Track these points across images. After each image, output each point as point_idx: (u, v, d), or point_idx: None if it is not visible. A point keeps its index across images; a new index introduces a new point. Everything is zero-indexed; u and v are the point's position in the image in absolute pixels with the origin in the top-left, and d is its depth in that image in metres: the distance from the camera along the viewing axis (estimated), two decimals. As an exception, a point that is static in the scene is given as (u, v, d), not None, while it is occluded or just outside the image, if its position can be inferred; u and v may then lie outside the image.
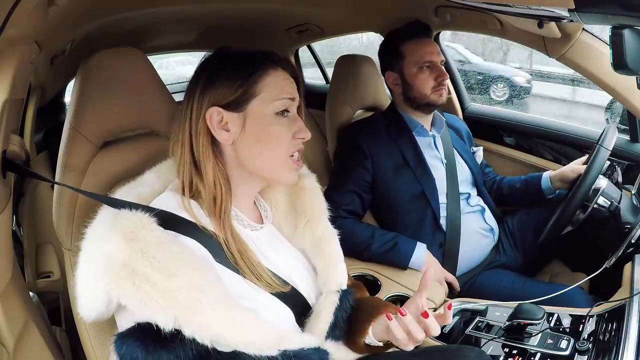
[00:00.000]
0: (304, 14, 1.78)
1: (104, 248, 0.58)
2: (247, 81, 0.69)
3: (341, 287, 0.79)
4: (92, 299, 0.58)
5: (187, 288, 0.57)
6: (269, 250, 0.75)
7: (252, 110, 0.70)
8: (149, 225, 0.60)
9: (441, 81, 1.34)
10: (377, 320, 0.79)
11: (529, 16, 0.94)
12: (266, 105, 0.70)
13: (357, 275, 1.26)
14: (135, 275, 0.56)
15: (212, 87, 0.69)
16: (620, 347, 0.80)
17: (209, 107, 0.69)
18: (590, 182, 1.12)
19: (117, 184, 0.74)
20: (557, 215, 1.19)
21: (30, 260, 1.51)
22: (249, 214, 0.77)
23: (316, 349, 0.68)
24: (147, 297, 0.55)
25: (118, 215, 0.61)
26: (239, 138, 0.70)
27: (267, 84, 0.70)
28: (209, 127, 0.69)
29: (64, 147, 0.78)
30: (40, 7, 0.66)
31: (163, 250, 0.58)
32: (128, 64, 0.83)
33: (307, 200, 0.82)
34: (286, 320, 0.71)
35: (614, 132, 1.16)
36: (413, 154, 1.36)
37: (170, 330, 0.56)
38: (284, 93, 0.71)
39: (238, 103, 0.69)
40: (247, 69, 0.70)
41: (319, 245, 0.80)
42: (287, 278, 0.74)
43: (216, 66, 0.71)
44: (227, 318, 0.58)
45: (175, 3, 1.36)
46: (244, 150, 0.70)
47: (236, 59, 0.71)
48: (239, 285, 0.66)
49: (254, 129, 0.70)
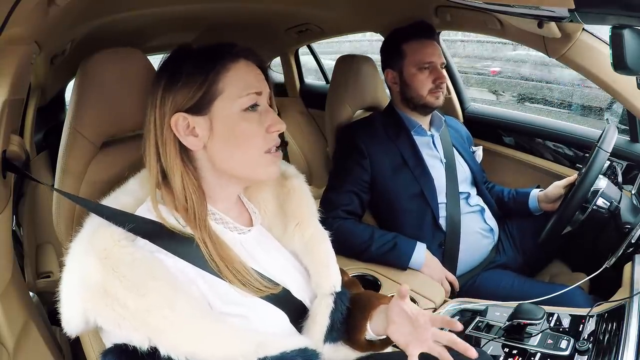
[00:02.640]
0: (304, 14, 1.78)
1: (83, 267, 0.58)
2: (206, 81, 0.65)
3: (335, 289, 0.77)
4: (72, 317, 0.57)
5: (157, 307, 0.56)
6: (259, 252, 0.73)
7: (217, 111, 0.66)
8: (120, 242, 0.59)
9: (439, 84, 1.34)
10: (373, 314, 0.79)
11: (529, 16, 0.94)
12: (231, 103, 0.66)
13: (357, 275, 1.26)
14: (108, 296, 0.55)
15: (171, 92, 0.65)
16: (620, 347, 0.80)
17: (173, 114, 0.65)
18: (589, 184, 1.12)
19: (116, 185, 0.73)
20: (557, 216, 1.19)
21: (30, 260, 1.51)
22: (236, 217, 0.74)
23: (301, 350, 0.65)
24: (119, 318, 0.55)
25: (95, 231, 0.60)
26: (208, 142, 0.66)
27: (229, 81, 0.66)
28: (175, 135, 0.65)
29: (64, 147, 0.78)
30: (40, 7, 0.66)
31: (133, 267, 0.57)
32: (128, 64, 0.83)
33: (296, 202, 0.79)
34: (279, 323, 0.70)
35: (614, 133, 1.16)
36: (411, 154, 1.36)
37: (147, 349, 0.55)
38: (248, 87, 0.67)
39: (201, 106, 0.65)
40: (205, 68, 0.66)
41: (309, 247, 0.78)
42: (279, 280, 0.72)
43: (174, 69, 0.67)
44: (200, 333, 0.57)
45: (175, 3, 1.36)
46: (216, 153, 0.67)
47: (193, 57, 0.67)
48: (225, 291, 0.64)
49: (223, 130, 0.66)
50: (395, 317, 0.73)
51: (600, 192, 1.13)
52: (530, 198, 1.43)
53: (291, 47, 2.37)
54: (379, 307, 0.79)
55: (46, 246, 1.59)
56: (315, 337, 0.73)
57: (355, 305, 0.82)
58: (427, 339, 0.69)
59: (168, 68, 0.68)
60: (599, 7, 0.65)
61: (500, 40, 2.66)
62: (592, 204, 1.13)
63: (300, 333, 0.73)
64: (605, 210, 1.14)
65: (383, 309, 0.78)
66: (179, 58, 0.69)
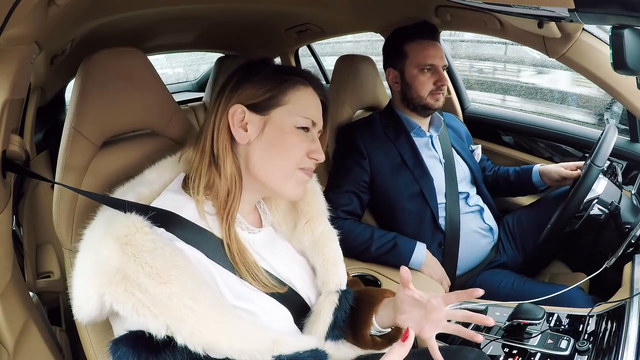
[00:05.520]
0: (304, 14, 1.78)
1: (99, 252, 0.58)
2: (277, 87, 0.71)
3: (340, 287, 0.79)
4: (86, 303, 0.58)
5: (178, 295, 0.56)
6: (267, 252, 0.75)
7: (274, 116, 0.71)
8: (143, 228, 0.60)
9: (440, 86, 1.34)
10: (378, 308, 0.80)
11: (529, 16, 0.94)
12: (289, 116, 0.71)
13: (357, 275, 1.26)
14: (128, 281, 0.55)
15: (242, 86, 0.71)
16: (620, 347, 0.80)
17: (234, 104, 0.70)
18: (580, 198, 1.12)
19: (117, 184, 0.73)
20: (554, 220, 1.19)
21: (30, 260, 1.51)
22: (248, 218, 0.77)
23: (313, 350, 0.67)
24: (139, 303, 0.55)
25: (113, 218, 0.61)
26: (254, 140, 0.70)
27: (295, 97, 0.72)
28: (229, 124, 0.70)
29: (64, 147, 0.78)
30: (40, 7, 0.66)
31: (156, 255, 0.58)
32: (128, 64, 0.83)
33: (308, 200, 0.82)
34: (284, 321, 0.71)
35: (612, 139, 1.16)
36: (411, 154, 1.36)
37: (163, 337, 0.55)
38: (308, 112, 0.72)
39: (263, 106, 0.70)
40: (280, 77, 0.72)
41: (318, 245, 0.80)
42: (285, 280, 0.73)
43: (252, 69, 0.73)
44: (219, 325, 0.58)
45: (175, 3, 1.36)
46: (257, 153, 0.71)
47: (274, 67, 0.74)
48: (237, 285, 0.66)
49: (272, 134, 0.70)
50: (406, 307, 0.74)
51: (595, 201, 1.13)
52: (532, 173, 1.47)
53: (291, 47, 2.37)
54: (384, 301, 0.81)
55: (46, 246, 1.59)
56: (318, 333, 0.74)
57: (360, 301, 0.83)
58: (441, 319, 0.71)
59: (248, 67, 0.74)
60: (599, 7, 0.65)
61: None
62: (587, 213, 1.14)
63: (301, 330, 0.74)
64: (602, 216, 1.15)
65: (388, 302, 0.80)
66: (261, 63, 0.75)
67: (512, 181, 1.53)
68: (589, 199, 1.13)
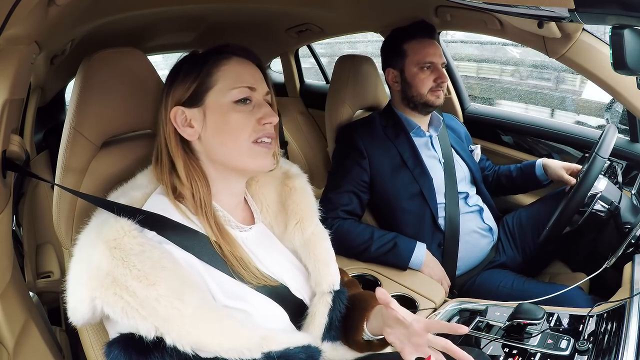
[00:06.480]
0: (304, 14, 1.78)
1: (90, 256, 0.59)
2: (200, 74, 0.71)
3: (333, 287, 0.78)
4: (79, 306, 0.58)
5: (166, 297, 0.57)
6: (260, 250, 0.74)
7: (210, 102, 0.71)
8: (131, 232, 0.60)
9: (440, 83, 1.34)
10: (369, 315, 0.79)
11: (529, 16, 0.94)
12: (223, 95, 0.70)
13: (357, 275, 1.26)
14: (117, 284, 0.56)
15: (172, 88, 0.72)
16: (620, 347, 0.80)
17: (172, 107, 0.71)
18: (585, 190, 1.12)
19: (116, 184, 0.74)
20: (555, 219, 1.19)
21: (30, 260, 1.52)
22: (237, 215, 0.76)
23: (305, 347, 0.67)
24: (127, 306, 0.56)
25: (104, 222, 0.62)
26: (202, 132, 0.71)
27: (221, 75, 0.71)
28: (175, 127, 0.71)
29: (64, 147, 0.78)
30: (40, 7, 0.66)
31: (144, 258, 0.58)
32: (128, 64, 0.83)
33: (298, 201, 0.81)
34: (279, 319, 0.71)
35: (613, 136, 1.16)
36: (410, 154, 1.36)
37: (152, 339, 0.56)
38: (240, 82, 0.71)
39: (195, 98, 0.71)
40: (201, 62, 0.72)
41: (309, 245, 0.79)
42: (279, 278, 0.73)
43: (177, 69, 0.74)
44: (207, 325, 0.58)
45: (175, 3, 1.36)
46: (210, 143, 0.71)
47: (192, 58, 0.74)
48: (229, 285, 0.66)
49: (214, 120, 0.70)
50: (391, 322, 0.73)
51: (597, 197, 1.13)
52: (536, 166, 1.47)
53: (291, 47, 2.37)
54: (376, 308, 0.80)
55: (46, 246, 1.59)
56: (314, 334, 0.74)
57: (353, 306, 0.83)
58: (422, 345, 0.68)
59: (173, 69, 0.75)
60: (599, 7, 0.65)
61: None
62: (590, 208, 1.14)
63: (299, 331, 0.74)
64: (604, 212, 1.15)
65: (380, 309, 0.78)
66: (182, 59, 0.75)
67: (514, 178, 1.53)
68: (592, 194, 1.13)
